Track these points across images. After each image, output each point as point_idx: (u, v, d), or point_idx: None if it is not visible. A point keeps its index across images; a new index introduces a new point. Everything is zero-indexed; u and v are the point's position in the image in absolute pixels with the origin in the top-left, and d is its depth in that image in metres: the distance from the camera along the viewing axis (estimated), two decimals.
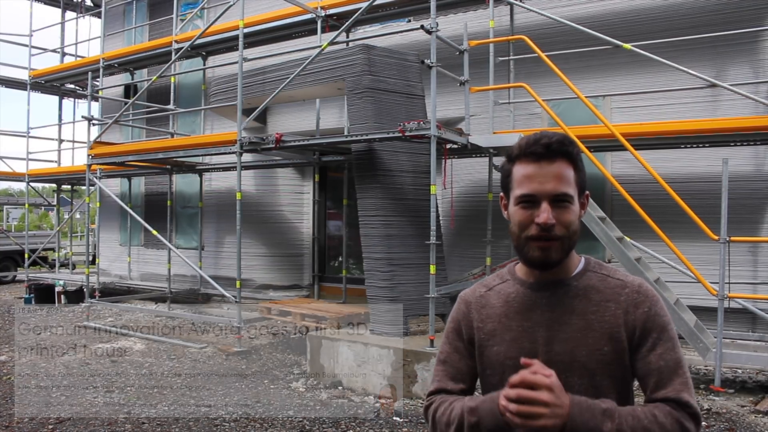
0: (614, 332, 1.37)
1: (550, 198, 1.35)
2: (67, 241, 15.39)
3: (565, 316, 1.40)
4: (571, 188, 1.37)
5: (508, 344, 1.44)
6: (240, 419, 5.06)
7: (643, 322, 1.37)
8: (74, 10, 15.05)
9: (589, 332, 1.38)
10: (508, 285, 1.51)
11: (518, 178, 1.39)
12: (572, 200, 1.37)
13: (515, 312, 1.45)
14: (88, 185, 10.32)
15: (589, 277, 1.44)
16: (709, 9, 6.88)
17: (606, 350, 1.37)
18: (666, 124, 6.42)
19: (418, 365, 5.70)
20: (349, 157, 7.65)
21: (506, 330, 1.45)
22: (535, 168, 1.37)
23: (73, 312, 10.67)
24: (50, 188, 18.74)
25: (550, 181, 1.35)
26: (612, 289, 1.41)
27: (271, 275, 10.26)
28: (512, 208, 1.41)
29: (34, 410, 5.26)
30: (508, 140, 6.48)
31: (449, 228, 7.99)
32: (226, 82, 8.57)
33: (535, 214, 1.35)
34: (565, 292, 1.42)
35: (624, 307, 1.38)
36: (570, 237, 1.37)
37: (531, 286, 1.45)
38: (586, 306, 1.40)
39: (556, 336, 1.39)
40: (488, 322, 1.48)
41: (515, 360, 1.37)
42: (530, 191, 1.36)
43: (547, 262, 1.38)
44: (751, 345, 6.12)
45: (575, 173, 1.39)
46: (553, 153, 1.36)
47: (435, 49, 6.09)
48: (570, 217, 1.36)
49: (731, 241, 5.47)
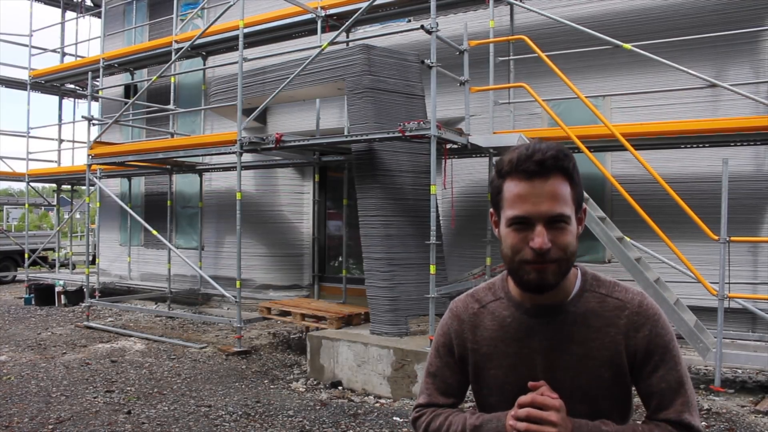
0: (614, 357, 1.34)
1: (545, 220, 1.25)
2: (67, 241, 15.39)
3: (564, 344, 1.35)
4: (567, 207, 1.26)
5: (506, 370, 1.40)
6: (240, 419, 5.06)
7: (645, 345, 1.34)
8: (74, 10, 15.06)
9: (589, 360, 1.34)
10: (501, 305, 1.43)
11: (509, 197, 1.28)
12: (569, 220, 1.27)
13: (511, 338, 1.40)
14: (88, 185, 10.31)
15: (587, 299, 1.37)
16: (709, 9, 6.88)
17: (606, 377, 1.34)
18: (666, 124, 6.41)
19: (418, 365, 5.69)
20: (349, 157, 7.65)
21: (503, 356, 1.40)
22: (527, 187, 1.25)
23: (73, 312, 10.67)
24: (50, 188, 18.75)
25: (544, 201, 1.24)
26: (611, 312, 1.36)
27: (271, 275, 10.27)
28: (504, 230, 1.30)
29: (34, 410, 5.26)
30: (508, 140, 6.48)
31: (449, 228, 7.99)
32: (226, 82, 8.57)
33: (529, 237, 1.25)
34: (563, 320, 1.36)
35: (624, 331, 1.34)
36: (568, 259, 1.28)
37: (527, 312, 1.38)
38: (586, 333, 1.35)
39: (555, 364, 1.36)
40: (483, 344, 1.43)
41: (514, 385, 1.38)
42: (523, 213, 1.25)
43: (543, 286, 1.29)
44: (751, 345, 6.12)
45: (571, 189, 1.28)
46: (548, 170, 1.25)
47: (435, 49, 6.09)
48: (567, 239, 1.27)
49: (731, 241, 5.47)
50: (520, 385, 1.36)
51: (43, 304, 11.38)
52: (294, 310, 7.36)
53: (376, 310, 6.53)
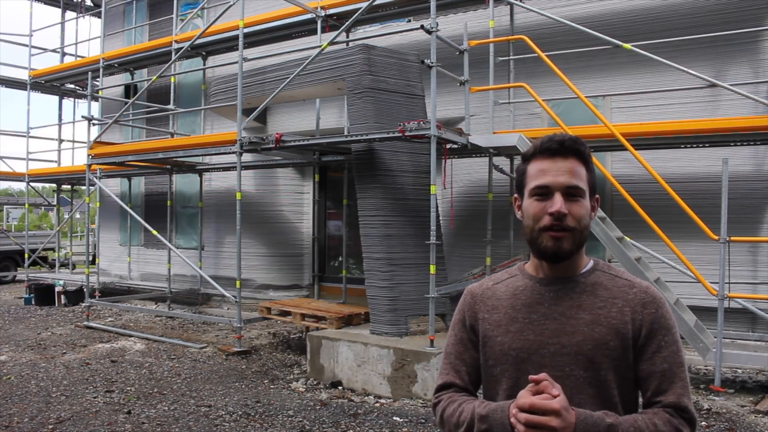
0: (621, 328, 1.39)
1: (563, 189, 1.39)
2: (67, 241, 15.40)
3: (573, 310, 1.42)
4: (583, 183, 1.42)
5: (513, 335, 1.45)
6: (240, 419, 5.06)
7: (651, 322, 1.40)
8: (74, 10, 15.06)
9: (595, 326, 1.40)
10: (516, 279, 1.54)
11: (533, 173, 1.44)
12: (584, 194, 1.42)
13: (522, 304, 1.47)
14: (88, 185, 10.31)
15: (597, 275, 1.47)
16: (708, 9, 6.88)
17: (612, 345, 1.38)
18: (666, 124, 6.42)
19: (418, 365, 5.70)
20: (349, 157, 7.65)
21: (512, 321, 1.47)
22: (549, 163, 1.42)
23: (73, 312, 10.68)
24: (50, 188, 18.75)
25: (563, 174, 1.40)
26: (620, 288, 1.44)
27: (271, 275, 10.27)
28: (526, 202, 1.45)
29: (34, 410, 5.26)
30: (508, 140, 6.48)
31: (449, 228, 7.99)
32: (226, 82, 8.57)
33: (549, 205, 1.39)
34: (573, 287, 1.45)
35: (632, 305, 1.41)
36: (581, 231, 1.41)
37: (540, 281, 1.48)
38: (594, 301, 1.42)
39: (563, 329, 1.41)
40: (494, 313, 1.51)
41: (520, 351, 1.43)
42: (544, 183, 1.41)
43: (558, 254, 1.41)
44: (751, 345, 6.12)
45: (587, 172, 1.44)
46: (567, 150, 1.42)
47: (435, 49, 6.09)
48: (581, 211, 1.41)
49: (731, 241, 5.48)
50: (526, 350, 1.42)
51: (43, 304, 11.38)
52: (294, 310, 7.36)
53: (376, 310, 6.54)
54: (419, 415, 5.17)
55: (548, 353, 1.40)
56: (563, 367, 1.38)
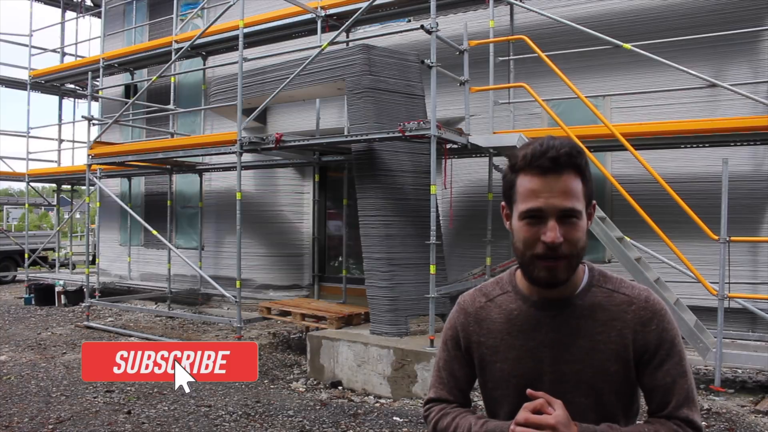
0: (621, 352, 1.35)
1: (558, 214, 1.27)
2: (67, 241, 15.40)
3: (571, 338, 1.37)
4: (579, 203, 1.30)
5: (512, 363, 1.41)
6: (240, 419, 5.06)
7: (652, 340, 1.35)
8: (74, 10, 15.07)
9: (595, 353, 1.35)
10: (509, 298, 1.45)
11: (523, 191, 1.31)
12: (580, 215, 1.30)
13: (518, 330, 1.41)
14: (88, 185, 10.32)
15: (594, 294, 1.39)
16: (708, 9, 6.88)
17: (613, 370, 1.35)
18: (666, 124, 6.42)
19: (418, 365, 5.70)
20: (349, 157, 7.65)
21: (509, 348, 1.41)
22: (541, 182, 1.28)
23: (73, 312, 10.67)
24: (50, 188, 18.73)
25: (557, 196, 1.27)
26: (618, 307, 1.37)
27: (271, 275, 10.27)
28: (516, 223, 1.33)
29: (34, 410, 5.26)
30: (508, 140, 6.48)
31: (449, 228, 7.99)
32: (226, 82, 8.57)
33: (542, 231, 1.28)
34: (570, 313, 1.38)
35: (631, 326, 1.35)
36: (578, 255, 1.31)
37: (535, 305, 1.40)
38: (593, 327, 1.36)
39: (562, 357, 1.37)
40: (489, 337, 1.45)
41: (520, 378, 1.39)
42: (537, 206, 1.28)
43: (553, 283, 1.32)
44: (751, 345, 6.12)
45: (583, 185, 1.32)
46: (561, 167, 1.28)
47: (435, 49, 6.09)
48: (578, 234, 1.29)
49: (731, 241, 5.48)
50: (526, 378, 1.38)
51: (43, 304, 11.38)
52: (294, 310, 7.36)
53: (376, 310, 6.53)
54: (419, 415, 5.17)
55: (548, 380, 1.37)
56: (564, 395, 1.32)
